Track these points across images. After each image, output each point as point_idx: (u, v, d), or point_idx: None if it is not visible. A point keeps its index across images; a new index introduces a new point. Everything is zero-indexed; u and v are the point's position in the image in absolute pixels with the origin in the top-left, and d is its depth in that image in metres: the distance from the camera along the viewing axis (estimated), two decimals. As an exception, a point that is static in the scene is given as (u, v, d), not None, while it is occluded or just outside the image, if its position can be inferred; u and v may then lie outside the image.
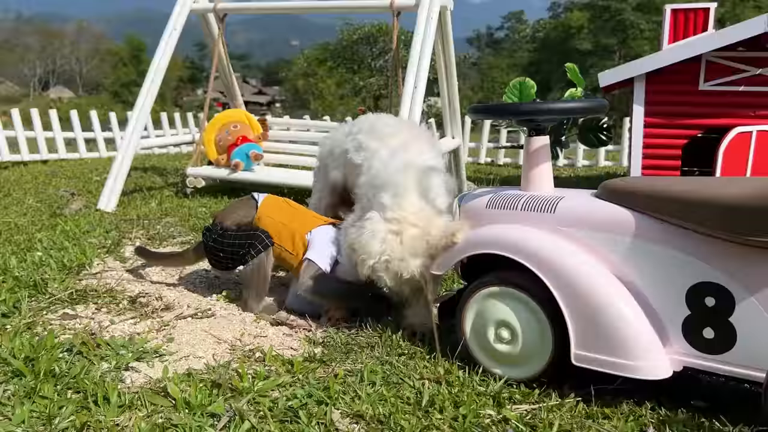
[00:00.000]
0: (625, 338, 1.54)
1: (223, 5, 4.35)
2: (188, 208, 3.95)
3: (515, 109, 1.83)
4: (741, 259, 1.43)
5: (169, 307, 2.29)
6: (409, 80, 3.59)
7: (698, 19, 4.05)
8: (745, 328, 1.44)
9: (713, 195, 1.45)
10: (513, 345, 1.73)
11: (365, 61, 28.10)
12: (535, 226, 1.75)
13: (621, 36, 35.42)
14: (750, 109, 3.67)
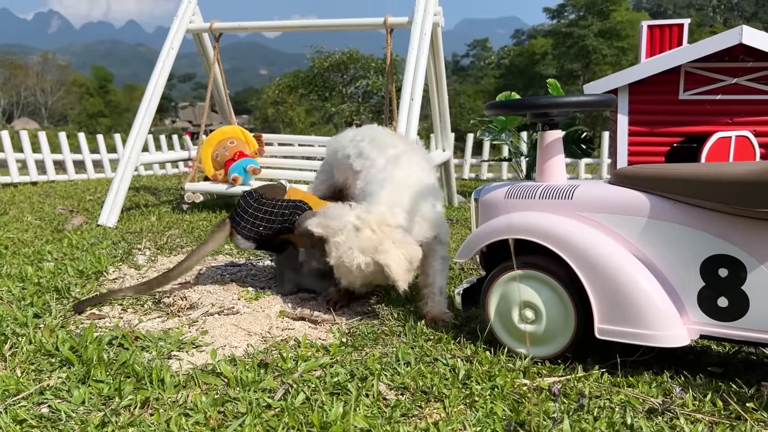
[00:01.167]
0: (645, 310, 1.66)
1: (219, 25, 4.46)
2: (189, 222, 4.00)
3: (532, 102, 1.96)
4: (751, 231, 1.57)
5: (193, 306, 2.35)
6: (405, 93, 3.73)
7: (673, 34, 4.30)
8: (758, 295, 1.57)
9: (723, 173, 1.59)
10: (537, 324, 1.84)
11: (336, 89, 28.35)
12: (555, 213, 1.87)
13: (584, 61, 36.40)
14: (727, 116, 3.87)
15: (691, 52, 3.78)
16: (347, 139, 2.66)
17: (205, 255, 2.55)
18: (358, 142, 2.52)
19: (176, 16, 4.44)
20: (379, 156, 2.36)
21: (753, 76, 3.85)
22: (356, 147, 2.50)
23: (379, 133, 2.57)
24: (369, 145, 2.45)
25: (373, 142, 2.47)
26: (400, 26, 4.06)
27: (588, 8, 38.56)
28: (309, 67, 28.22)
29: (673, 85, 3.97)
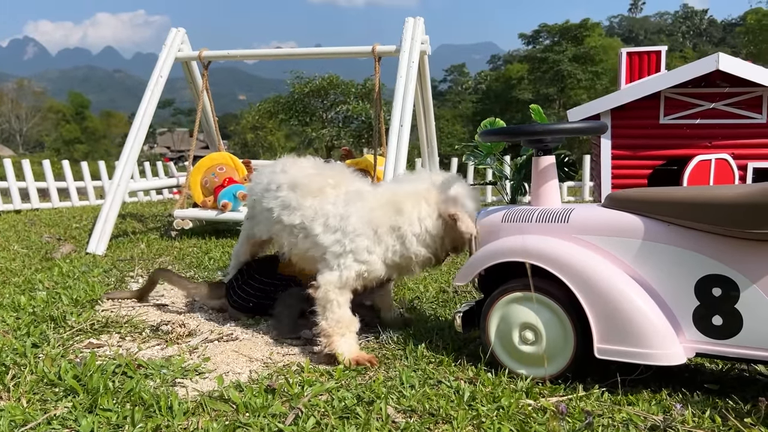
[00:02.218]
0: (643, 330, 1.71)
1: (207, 53, 4.50)
2: (179, 249, 4.00)
3: (528, 130, 2.02)
4: (742, 252, 1.63)
5: (192, 333, 2.36)
6: (395, 119, 3.79)
7: (651, 60, 4.44)
8: (750, 313, 1.63)
9: (715, 196, 1.65)
10: (537, 345, 1.88)
11: (317, 113, 28.49)
12: (551, 236, 1.92)
13: (559, 85, 36.99)
14: (706, 139, 3.99)
15: (671, 78, 3.90)
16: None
17: (188, 292, 2.65)
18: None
19: (165, 45, 4.48)
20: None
21: (730, 101, 3.97)
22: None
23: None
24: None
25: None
26: (388, 54, 4.13)
27: (562, 34, 39.34)
28: (289, 93, 28.35)
29: (653, 110, 4.08)
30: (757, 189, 1.59)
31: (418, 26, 4.08)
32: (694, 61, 3.94)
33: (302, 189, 2.23)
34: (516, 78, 39.46)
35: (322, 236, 2.13)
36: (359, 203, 2.13)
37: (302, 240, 2.20)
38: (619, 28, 76.08)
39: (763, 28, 26.06)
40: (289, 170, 2.32)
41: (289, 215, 2.22)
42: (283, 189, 2.27)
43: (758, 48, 26.53)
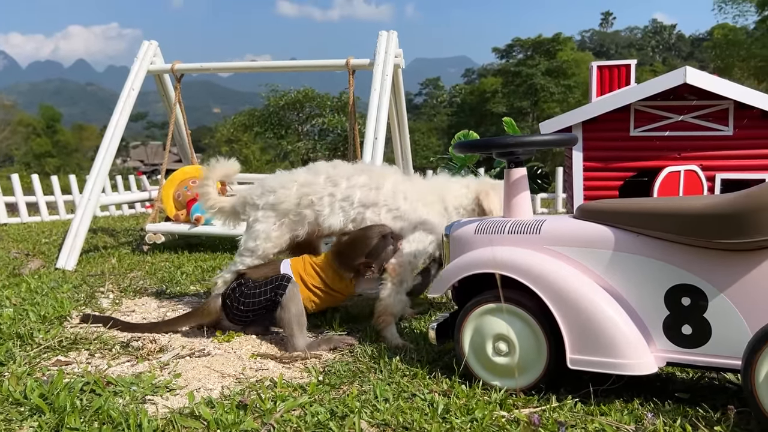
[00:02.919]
0: (615, 340, 1.72)
1: (180, 66, 4.47)
2: (151, 263, 3.95)
3: (500, 142, 2.03)
4: (710, 261, 1.65)
5: (163, 349, 2.32)
6: (369, 132, 3.80)
7: (621, 74, 4.51)
8: (719, 322, 1.65)
9: (682, 206, 1.68)
10: (511, 356, 1.88)
11: (292, 126, 28.47)
12: (523, 247, 1.94)
13: (533, 99, 37.48)
14: (675, 151, 4.05)
15: (640, 92, 3.96)
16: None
17: (189, 324, 2.55)
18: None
19: (137, 58, 4.44)
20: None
21: (698, 113, 4.05)
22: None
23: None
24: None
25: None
26: (362, 68, 4.15)
27: (535, 48, 39.93)
28: (264, 106, 28.31)
29: (624, 122, 4.13)
30: (724, 200, 1.62)
31: (391, 40, 4.10)
32: (662, 75, 4.01)
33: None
34: (490, 91, 39.88)
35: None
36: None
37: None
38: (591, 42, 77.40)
39: (729, 42, 26.67)
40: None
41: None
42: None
43: (725, 62, 27.14)
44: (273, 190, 2.59)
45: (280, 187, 2.59)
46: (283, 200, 2.56)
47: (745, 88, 3.84)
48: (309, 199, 2.54)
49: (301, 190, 2.55)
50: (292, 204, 2.56)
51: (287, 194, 2.56)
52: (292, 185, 2.57)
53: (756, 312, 1.60)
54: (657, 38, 67.67)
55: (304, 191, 2.55)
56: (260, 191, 2.63)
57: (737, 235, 1.56)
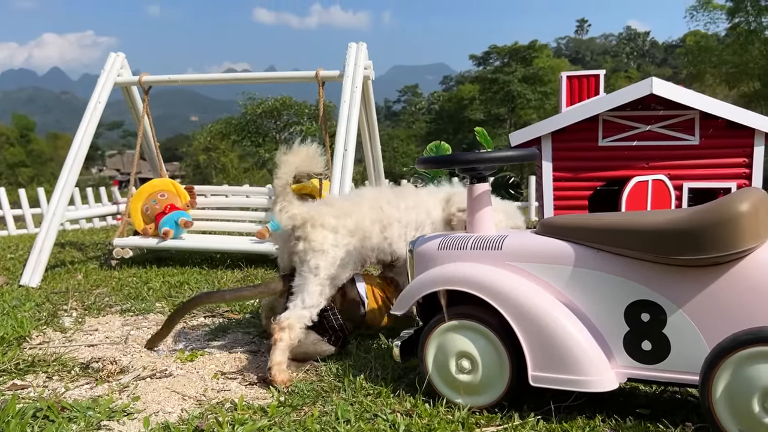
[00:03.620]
0: (576, 357, 1.72)
1: (148, 78, 4.42)
2: (118, 279, 3.88)
3: (460, 158, 2.03)
4: (668, 277, 1.66)
5: (124, 371, 2.27)
6: (339, 144, 3.78)
7: (591, 84, 4.55)
8: (677, 337, 1.65)
9: (640, 223, 1.68)
10: (474, 374, 1.87)
11: (270, 134, 28.37)
12: (486, 263, 1.93)
13: (510, 105, 37.73)
14: (644, 161, 4.09)
15: (608, 102, 4.00)
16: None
17: (254, 296, 2.49)
18: None
19: (103, 70, 4.38)
20: None
21: (664, 123, 4.09)
22: None
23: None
24: None
25: None
26: (331, 79, 4.13)
27: (511, 55, 40.23)
28: (241, 114, 28.19)
29: (592, 132, 4.16)
30: (681, 216, 1.63)
31: (361, 51, 4.09)
32: (630, 85, 4.05)
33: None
34: (468, 98, 40.11)
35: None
36: None
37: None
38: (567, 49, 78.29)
39: (701, 49, 27.09)
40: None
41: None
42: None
43: (697, 68, 27.56)
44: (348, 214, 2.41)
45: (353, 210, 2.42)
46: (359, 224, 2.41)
47: (710, 98, 3.89)
48: (382, 224, 2.44)
49: (373, 215, 2.43)
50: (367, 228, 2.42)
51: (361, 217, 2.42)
52: (364, 208, 2.44)
53: (713, 328, 1.61)
54: (631, 45, 68.62)
55: (376, 216, 2.44)
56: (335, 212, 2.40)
57: (694, 252, 1.57)
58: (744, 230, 1.52)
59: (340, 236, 2.35)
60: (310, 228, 2.33)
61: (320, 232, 2.33)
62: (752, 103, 24.80)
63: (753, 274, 1.57)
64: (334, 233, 2.35)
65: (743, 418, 1.49)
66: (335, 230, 2.35)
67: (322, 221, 2.35)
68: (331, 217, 2.36)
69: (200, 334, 2.76)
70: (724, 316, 1.60)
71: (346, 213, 2.39)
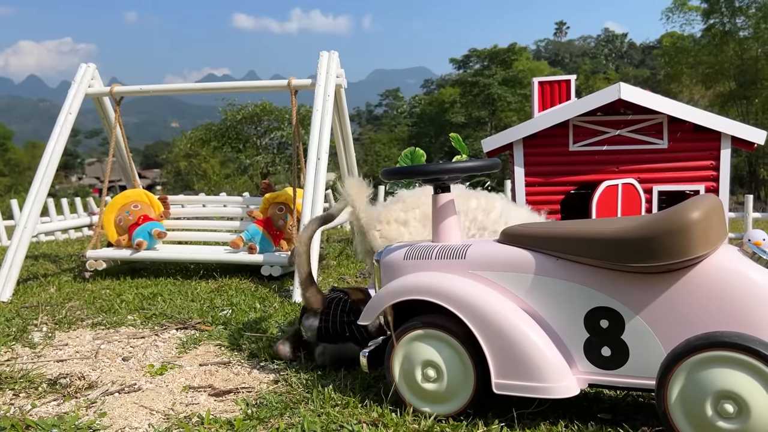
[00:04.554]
0: (537, 364, 1.74)
1: (119, 89, 4.40)
2: (91, 292, 3.85)
3: (423, 169, 2.05)
4: (625, 284, 1.69)
5: (92, 386, 2.26)
6: (312, 152, 3.79)
7: (562, 90, 4.61)
8: (635, 343, 1.69)
9: (596, 231, 1.71)
10: (439, 382, 1.89)
11: (251, 140, 28.25)
12: (450, 272, 1.95)
13: (491, 108, 37.95)
14: (614, 165, 4.15)
15: (577, 108, 4.05)
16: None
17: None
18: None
19: (74, 81, 4.36)
20: None
21: (633, 127, 4.15)
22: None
23: None
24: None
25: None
26: (303, 88, 4.14)
27: (491, 58, 40.48)
28: (221, 120, 28.05)
29: (563, 137, 4.22)
30: (636, 224, 1.66)
31: (332, 60, 4.11)
32: (599, 90, 4.11)
33: None
34: (449, 102, 40.26)
35: None
36: None
37: None
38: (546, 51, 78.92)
39: (677, 50, 27.45)
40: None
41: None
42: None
43: (674, 69, 27.90)
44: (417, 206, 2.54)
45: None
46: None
47: (677, 102, 3.95)
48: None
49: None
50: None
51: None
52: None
53: (670, 333, 1.64)
54: (610, 46, 69.34)
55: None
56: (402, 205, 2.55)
57: (648, 259, 1.60)
58: (696, 238, 1.56)
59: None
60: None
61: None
62: (728, 102, 25.17)
63: (706, 280, 1.61)
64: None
65: (697, 422, 1.52)
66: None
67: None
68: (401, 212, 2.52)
69: (172, 346, 2.76)
70: (680, 321, 1.63)
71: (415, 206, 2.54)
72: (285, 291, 3.72)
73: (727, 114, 25.11)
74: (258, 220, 4.24)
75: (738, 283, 1.58)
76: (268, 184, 4.45)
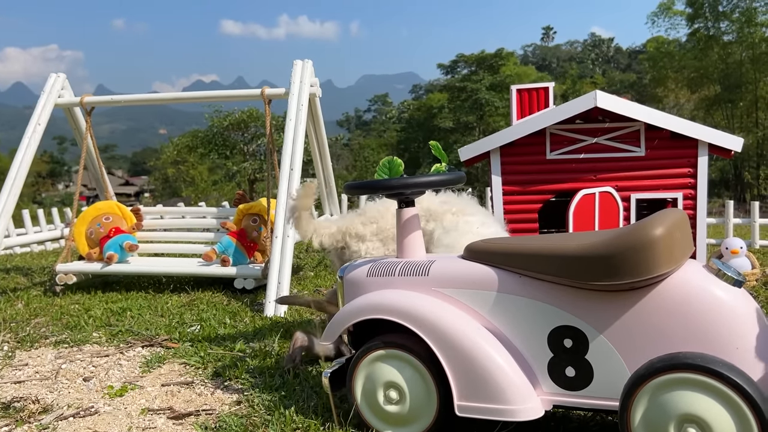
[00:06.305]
0: (500, 386, 1.68)
1: (90, 99, 4.31)
2: (60, 307, 3.76)
3: (386, 184, 2.00)
4: (588, 303, 1.64)
5: (47, 409, 2.18)
6: (285, 162, 3.73)
7: (540, 97, 4.56)
8: (600, 363, 1.63)
9: (558, 248, 1.66)
10: (402, 404, 1.83)
11: (238, 146, 28.13)
12: (412, 289, 1.89)
13: (478, 113, 38.03)
14: (591, 173, 4.11)
15: (554, 116, 4.02)
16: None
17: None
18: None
19: (43, 91, 4.27)
20: None
21: (610, 135, 4.12)
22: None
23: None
24: None
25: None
26: (277, 97, 4.08)
27: (479, 63, 40.59)
28: (208, 127, 27.90)
29: (540, 146, 4.18)
30: (597, 241, 1.61)
31: (306, 69, 4.05)
32: (575, 98, 4.07)
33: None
34: (437, 107, 40.33)
35: None
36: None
37: None
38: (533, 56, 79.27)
39: (662, 55, 27.61)
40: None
41: None
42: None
43: (659, 73, 28.06)
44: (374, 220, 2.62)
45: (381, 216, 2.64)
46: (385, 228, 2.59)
47: (654, 110, 3.93)
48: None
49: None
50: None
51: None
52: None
53: (634, 353, 1.59)
54: (596, 51, 69.73)
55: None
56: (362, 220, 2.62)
57: (610, 277, 1.55)
58: (659, 255, 1.51)
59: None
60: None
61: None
62: (714, 106, 25.35)
63: (670, 298, 1.55)
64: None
65: (661, 447, 1.47)
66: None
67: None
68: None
69: (135, 365, 2.68)
70: (645, 340, 1.58)
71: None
72: (257, 305, 3.65)
73: (712, 117, 25.27)
74: (231, 232, 4.16)
75: (703, 301, 1.53)
76: (243, 194, 4.37)
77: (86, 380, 2.51)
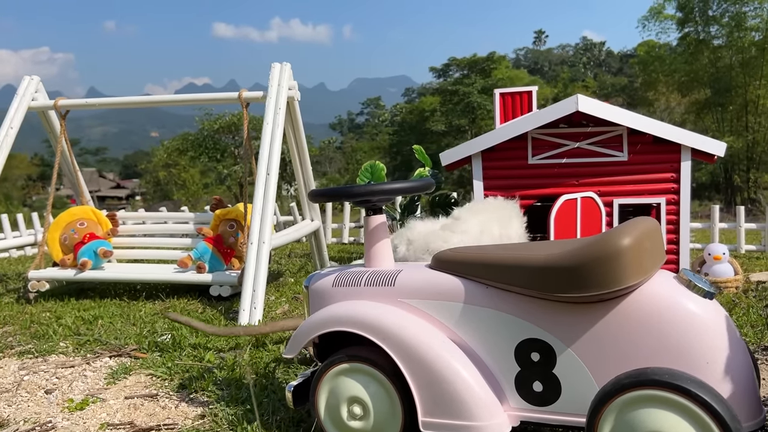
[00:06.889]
0: (466, 401, 1.62)
1: (64, 102, 4.23)
2: (30, 315, 3.67)
3: (351, 191, 1.93)
4: (555, 315, 1.58)
5: (2, 425, 2.10)
6: (262, 167, 3.66)
7: (523, 101, 4.51)
8: (567, 378, 1.57)
9: (524, 258, 1.60)
10: (366, 420, 1.76)
11: (228, 150, 27.99)
12: (378, 300, 1.83)
13: (471, 116, 38.00)
14: (574, 178, 4.06)
15: (535, 120, 3.96)
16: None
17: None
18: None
19: (17, 95, 4.19)
20: None
21: (593, 140, 4.07)
22: None
23: None
24: None
25: None
26: (254, 100, 4.01)
27: (471, 67, 40.60)
28: (198, 130, 27.75)
29: (522, 150, 4.13)
30: (564, 251, 1.55)
31: (284, 72, 3.98)
32: (557, 102, 4.03)
33: None
34: (429, 110, 40.28)
35: None
36: None
37: None
38: (525, 60, 79.44)
39: (653, 58, 27.64)
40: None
41: None
42: None
43: (650, 77, 28.09)
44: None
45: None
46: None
47: (637, 114, 3.88)
48: None
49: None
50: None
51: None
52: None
53: (603, 367, 1.53)
54: (588, 55, 69.94)
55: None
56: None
57: (577, 289, 1.49)
58: (626, 266, 1.45)
59: None
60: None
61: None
62: (704, 110, 25.39)
63: (640, 311, 1.49)
64: None
65: (628, 467, 1.40)
66: None
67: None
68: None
69: (101, 376, 2.60)
70: (614, 355, 1.52)
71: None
72: (233, 312, 3.57)
73: (702, 121, 25.33)
74: (208, 238, 4.09)
75: (673, 314, 1.47)
76: (219, 199, 4.30)
77: (48, 393, 2.43)
